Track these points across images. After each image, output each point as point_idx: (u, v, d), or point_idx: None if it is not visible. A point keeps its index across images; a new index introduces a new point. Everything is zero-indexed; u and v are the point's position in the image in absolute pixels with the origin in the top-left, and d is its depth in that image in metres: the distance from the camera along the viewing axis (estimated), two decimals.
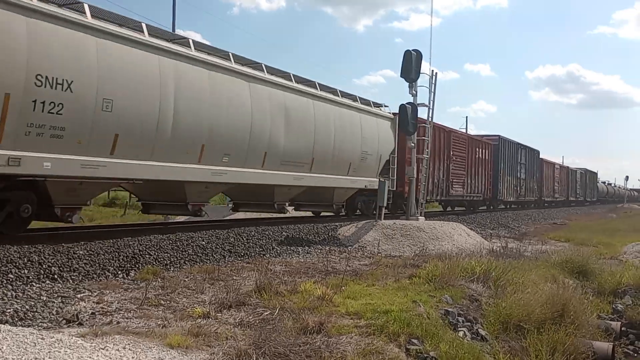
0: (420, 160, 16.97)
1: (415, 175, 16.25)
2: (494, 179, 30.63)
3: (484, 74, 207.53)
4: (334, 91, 15.93)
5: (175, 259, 9.20)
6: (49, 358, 4.05)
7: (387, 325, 5.90)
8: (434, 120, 17.82)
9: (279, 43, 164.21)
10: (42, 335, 4.52)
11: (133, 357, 4.43)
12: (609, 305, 10.64)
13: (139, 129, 9.62)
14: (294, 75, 14.20)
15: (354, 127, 16.50)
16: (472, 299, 8.03)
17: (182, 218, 19.28)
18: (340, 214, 17.47)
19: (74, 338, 4.62)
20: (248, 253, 10.57)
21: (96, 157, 9.03)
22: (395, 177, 18.48)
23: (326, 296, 6.75)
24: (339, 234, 13.82)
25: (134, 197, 14.06)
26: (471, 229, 17.05)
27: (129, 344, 4.68)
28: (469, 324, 7.19)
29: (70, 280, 7.34)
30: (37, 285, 6.91)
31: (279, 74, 13.73)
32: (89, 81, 8.70)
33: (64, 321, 5.54)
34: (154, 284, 7.49)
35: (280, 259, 10.54)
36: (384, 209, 15.37)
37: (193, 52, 10.90)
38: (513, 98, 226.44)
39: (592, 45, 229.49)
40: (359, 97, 17.21)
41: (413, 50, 15.35)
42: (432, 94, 16.78)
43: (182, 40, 11.13)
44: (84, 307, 6.10)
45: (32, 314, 5.73)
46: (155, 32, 10.47)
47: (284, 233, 12.72)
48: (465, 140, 27.05)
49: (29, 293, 6.51)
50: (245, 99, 12.01)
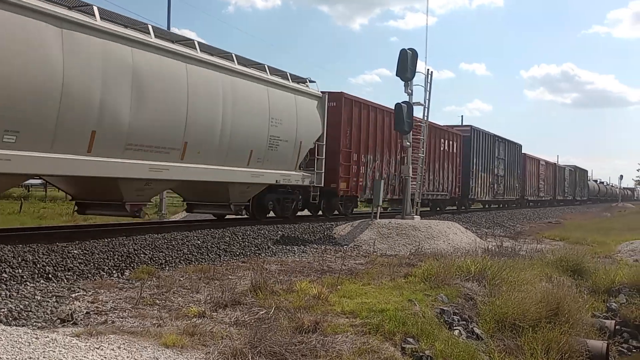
0: (415, 159, 16.99)
1: (410, 174, 16.26)
2: (464, 176, 26.68)
3: (480, 73, 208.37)
4: (227, 56, 12.23)
5: (171, 258, 9.18)
6: (44, 358, 4.03)
7: (383, 324, 5.91)
8: (430, 119, 17.74)
9: (275, 41, 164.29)
10: (37, 334, 4.50)
11: (128, 357, 4.41)
12: (603, 303, 10.68)
13: None
14: (155, 29, 10.54)
15: (259, 105, 12.81)
16: (468, 297, 8.05)
17: (179, 216, 19.24)
18: (241, 215, 14.04)
19: (68, 338, 4.60)
20: (243, 252, 10.57)
21: None
22: (323, 171, 15.32)
23: (322, 295, 6.76)
24: (335, 233, 13.84)
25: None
26: (466, 228, 17.09)
27: (124, 344, 4.67)
28: (465, 322, 7.21)
29: (65, 280, 7.32)
30: (32, 284, 6.89)
31: (129, 23, 10.19)
32: None
33: (59, 321, 5.52)
34: (149, 283, 7.47)
35: (276, 258, 10.53)
36: (379, 209, 15.40)
37: None
38: (508, 97, 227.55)
39: (587, 44, 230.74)
40: (269, 67, 13.52)
41: (409, 49, 15.36)
42: (428, 92, 16.80)
43: None
44: (79, 307, 6.08)
45: (27, 313, 5.71)
46: None
47: (279, 232, 12.72)
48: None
49: (23, 292, 6.49)
50: (51, 51, 8.40)
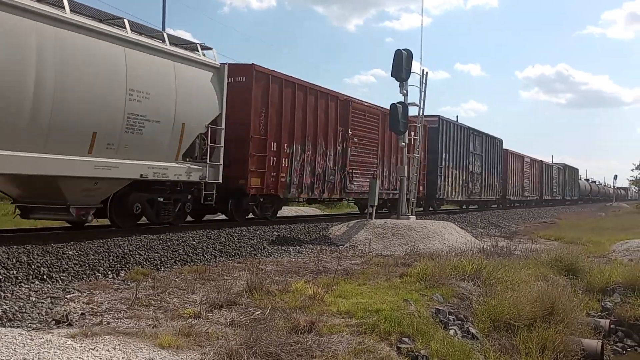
0: (410, 159, 17.02)
1: (406, 175, 16.29)
2: (430, 173, 23.33)
3: (475, 73, 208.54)
4: (56, 0, 8.84)
5: (166, 259, 9.16)
6: (38, 359, 4.02)
7: (378, 324, 5.91)
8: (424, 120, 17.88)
9: (270, 42, 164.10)
10: (31, 336, 4.49)
11: (123, 358, 4.40)
12: (598, 303, 10.72)
13: None
14: None
15: (107, 70, 9.52)
16: (463, 297, 8.06)
17: None
18: (85, 222, 10.56)
19: (63, 339, 4.59)
20: (239, 253, 10.55)
21: None
22: (221, 163, 12.01)
23: (317, 295, 6.76)
24: (330, 234, 13.84)
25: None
26: (462, 228, 17.12)
27: (119, 345, 4.66)
28: (460, 322, 7.22)
29: (60, 281, 7.29)
30: (26, 285, 6.86)
31: None
32: None
33: (54, 322, 5.50)
34: (145, 284, 7.46)
35: (272, 258, 10.53)
36: (374, 210, 15.42)
37: None
38: (504, 98, 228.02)
39: (581, 45, 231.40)
40: (130, 22, 10.25)
41: (404, 49, 15.40)
42: (423, 93, 16.85)
43: None
44: (74, 308, 6.06)
45: (21, 314, 5.69)
46: None
47: (275, 233, 12.72)
48: (376, 116, 19.13)
49: (18, 294, 6.47)
50: None
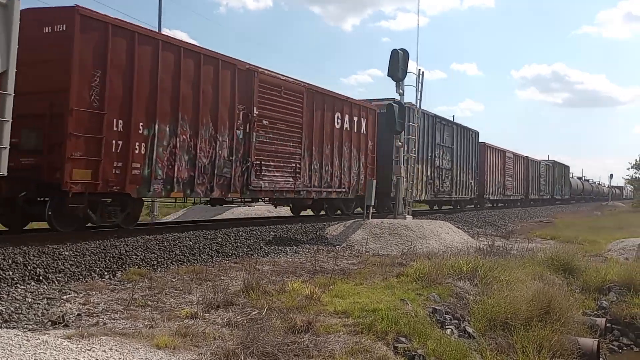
0: (407, 159, 17.03)
1: (402, 175, 16.31)
2: (383, 167, 18.97)
3: (471, 73, 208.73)
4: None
5: (163, 260, 9.15)
6: None
7: (375, 324, 5.92)
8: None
9: (267, 42, 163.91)
10: (28, 336, 4.48)
11: (120, 358, 4.40)
12: (594, 301, 10.74)
13: None
14: None
15: None
16: (460, 296, 8.08)
17: (171, 217, 19.19)
18: None
19: (59, 339, 4.58)
20: (236, 253, 10.55)
21: None
22: (5, 145, 7.26)
23: (314, 295, 6.76)
24: (327, 234, 13.84)
25: None
26: (458, 228, 17.15)
27: (115, 345, 4.65)
28: (457, 321, 7.23)
29: (56, 282, 7.28)
30: (22, 287, 6.85)
31: None
32: None
33: (50, 323, 5.49)
34: (141, 284, 7.44)
35: (268, 258, 10.53)
36: (371, 209, 15.42)
37: None
38: (500, 97, 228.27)
39: (577, 45, 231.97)
40: None
41: (400, 49, 15.44)
42: (419, 92, 16.87)
43: None
44: (70, 309, 6.05)
45: (17, 315, 5.68)
46: None
47: (272, 233, 12.71)
48: (298, 94, 14.59)
49: (14, 295, 6.45)
50: None
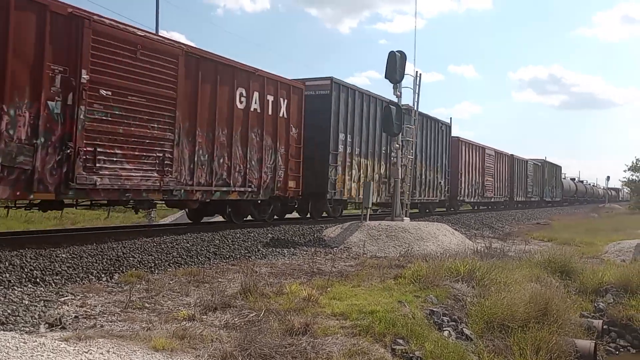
0: (404, 160, 17.04)
1: (400, 177, 16.33)
2: (316, 161, 15.49)
3: (468, 75, 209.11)
4: None
5: (160, 262, 9.14)
6: None
7: (373, 326, 5.92)
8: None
9: (264, 44, 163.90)
10: (25, 339, 4.47)
11: None
12: (591, 303, 10.77)
13: None
14: None
15: None
16: (457, 298, 8.09)
17: (168, 220, 19.16)
18: None
19: (56, 342, 4.57)
20: (233, 255, 10.54)
21: None
22: None
23: (312, 297, 6.76)
24: (325, 236, 13.83)
25: None
26: (455, 230, 17.17)
27: (113, 348, 4.65)
28: (454, 323, 7.24)
29: (53, 284, 7.26)
30: (19, 289, 6.83)
31: None
32: None
33: (47, 325, 5.48)
34: (138, 286, 7.43)
35: (266, 260, 10.52)
36: (368, 211, 15.43)
37: None
38: (497, 99, 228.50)
39: (574, 47, 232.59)
40: None
41: (397, 51, 15.48)
42: (417, 94, 16.91)
43: None
44: (67, 311, 6.03)
45: (14, 318, 5.66)
46: None
47: (269, 235, 12.70)
48: (171, 58, 10.95)
49: (11, 297, 6.43)
50: None
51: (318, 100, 15.62)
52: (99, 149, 9.52)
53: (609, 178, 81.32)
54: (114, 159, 9.82)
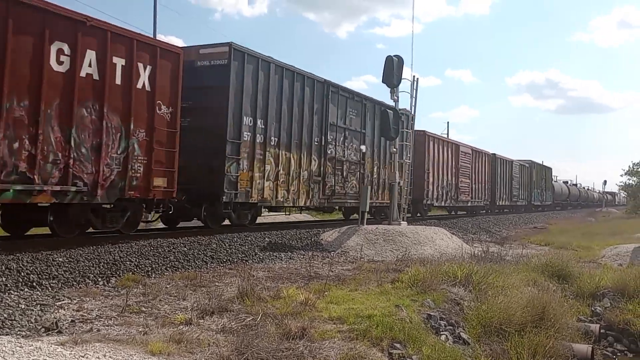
0: (402, 165, 17.08)
1: (397, 181, 16.36)
2: (210, 155, 12.47)
3: (466, 79, 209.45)
4: None
5: (157, 266, 9.12)
6: None
7: (370, 330, 5.92)
8: (416, 125, 17.84)
9: (262, 48, 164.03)
10: (21, 343, 4.45)
11: None
12: (588, 307, 10.79)
13: None
14: None
15: None
16: (454, 302, 8.09)
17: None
18: None
19: (53, 346, 4.56)
20: (230, 259, 10.52)
21: None
22: None
23: (309, 301, 6.76)
24: (322, 240, 13.84)
25: None
26: (453, 234, 17.19)
27: (109, 352, 4.64)
28: (451, 327, 7.25)
29: (50, 288, 7.24)
30: (16, 293, 6.81)
31: None
32: None
33: (43, 329, 5.46)
34: (135, 290, 7.42)
35: (263, 264, 10.51)
36: (365, 215, 15.44)
37: None
38: (494, 103, 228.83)
39: (570, 51, 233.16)
40: None
41: (395, 55, 15.51)
42: (414, 99, 16.94)
43: None
44: (64, 315, 6.02)
45: (10, 322, 5.64)
46: None
47: (266, 239, 12.69)
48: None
49: (7, 301, 6.41)
50: None
51: (213, 73, 12.20)
52: None
53: (605, 182, 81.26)
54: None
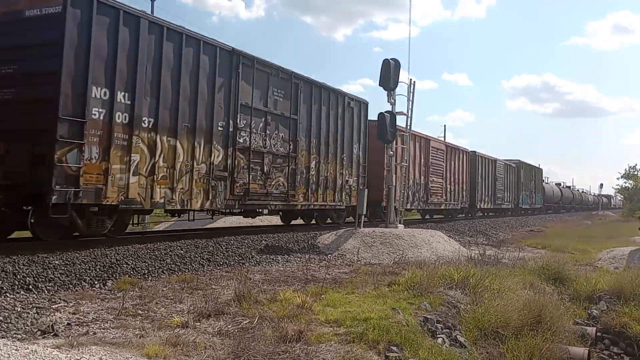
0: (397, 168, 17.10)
1: (394, 184, 16.38)
2: (30, 138, 9.14)
3: (462, 83, 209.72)
4: None
5: (153, 268, 9.11)
6: None
7: (367, 333, 5.92)
8: (413, 127, 17.83)
9: (259, 51, 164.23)
10: (17, 346, 4.44)
11: None
12: (584, 310, 10.78)
13: None
14: None
15: None
16: (451, 305, 8.09)
17: (162, 227, 19.11)
18: None
19: (49, 349, 4.54)
20: (227, 262, 10.51)
21: None
22: None
23: (306, 304, 6.75)
24: (319, 242, 13.83)
25: None
26: (450, 237, 17.20)
27: (105, 355, 4.62)
28: (448, 330, 7.24)
29: (46, 291, 7.22)
30: (12, 296, 6.79)
31: None
32: None
33: (39, 332, 5.45)
34: (132, 293, 7.40)
35: (260, 267, 10.50)
36: (363, 218, 15.45)
37: None
38: (491, 107, 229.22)
39: (567, 55, 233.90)
40: None
41: (391, 59, 15.55)
42: (411, 102, 16.96)
43: None
44: (60, 318, 6.01)
45: (6, 325, 5.63)
46: None
47: (263, 242, 12.68)
48: None
49: (3, 304, 6.39)
50: None
51: (45, 26, 9.08)
52: None
53: (602, 185, 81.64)
54: None
